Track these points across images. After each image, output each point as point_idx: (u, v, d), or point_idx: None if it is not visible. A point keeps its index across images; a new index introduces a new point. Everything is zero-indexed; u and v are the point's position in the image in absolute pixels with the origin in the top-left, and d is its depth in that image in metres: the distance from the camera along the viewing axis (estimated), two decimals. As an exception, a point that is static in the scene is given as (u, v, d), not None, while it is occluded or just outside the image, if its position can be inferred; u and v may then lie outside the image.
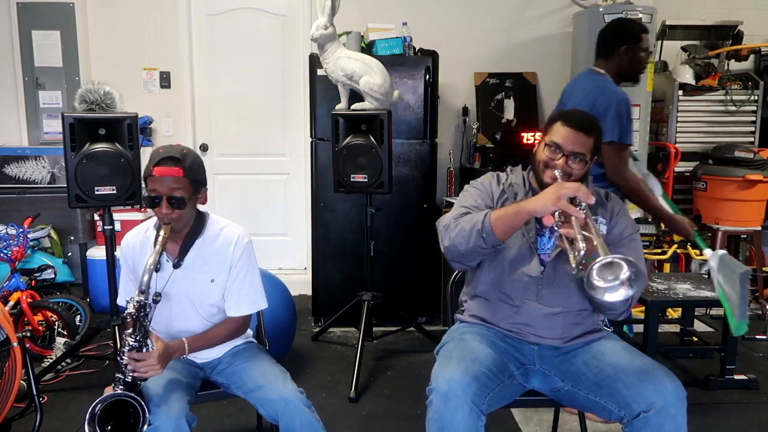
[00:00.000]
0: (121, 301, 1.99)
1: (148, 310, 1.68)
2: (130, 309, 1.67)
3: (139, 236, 1.95)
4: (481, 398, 1.61)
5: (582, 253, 1.49)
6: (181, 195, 1.75)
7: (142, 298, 1.67)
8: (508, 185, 1.89)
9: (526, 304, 1.82)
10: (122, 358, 1.67)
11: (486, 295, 1.89)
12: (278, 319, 2.88)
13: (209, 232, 1.91)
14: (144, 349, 1.67)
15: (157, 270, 1.78)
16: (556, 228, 1.60)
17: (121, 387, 1.67)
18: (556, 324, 1.82)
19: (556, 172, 1.73)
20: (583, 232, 1.51)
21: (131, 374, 1.67)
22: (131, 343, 1.66)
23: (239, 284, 1.92)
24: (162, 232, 1.75)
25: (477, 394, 1.60)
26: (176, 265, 1.87)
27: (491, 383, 1.67)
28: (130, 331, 1.67)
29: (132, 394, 1.64)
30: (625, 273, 1.45)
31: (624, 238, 1.83)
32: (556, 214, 1.58)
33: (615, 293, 1.47)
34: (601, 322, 1.95)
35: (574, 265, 1.53)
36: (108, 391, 1.74)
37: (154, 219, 1.91)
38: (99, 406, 1.61)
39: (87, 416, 1.60)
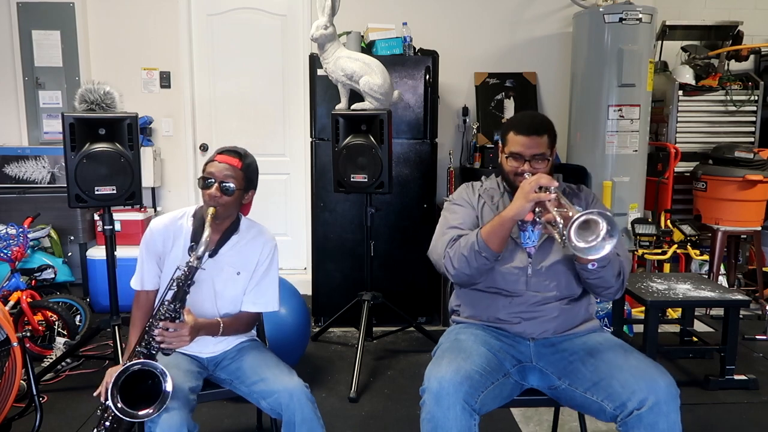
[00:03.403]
0: (134, 284, 2.02)
1: (194, 279, 1.77)
2: (179, 274, 1.75)
3: (173, 223, 1.99)
4: (473, 397, 1.62)
5: (562, 226, 1.58)
6: (232, 183, 1.87)
7: (196, 263, 1.76)
8: (483, 190, 2.01)
9: (519, 294, 1.87)
10: (153, 328, 1.72)
11: (480, 291, 1.93)
12: (291, 326, 2.87)
13: (244, 231, 2.03)
14: (177, 321, 1.75)
15: (192, 249, 1.85)
16: (537, 220, 1.72)
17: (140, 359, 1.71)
18: (551, 310, 1.86)
19: (526, 176, 1.83)
20: (559, 209, 1.63)
21: (158, 345, 1.72)
22: (168, 311, 1.73)
23: (259, 284, 2.02)
24: (210, 211, 1.85)
25: (469, 393, 1.61)
26: (211, 255, 1.95)
27: (485, 382, 1.68)
28: (170, 298, 1.74)
29: (153, 362, 1.66)
30: (603, 229, 1.53)
31: None
32: (535, 209, 1.71)
33: (601, 251, 1.54)
34: (598, 321, 1.98)
35: (559, 240, 1.61)
36: (112, 373, 1.73)
37: (191, 208, 2.02)
38: (120, 377, 1.63)
39: (109, 389, 1.62)
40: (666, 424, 1.58)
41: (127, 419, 1.62)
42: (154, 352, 1.73)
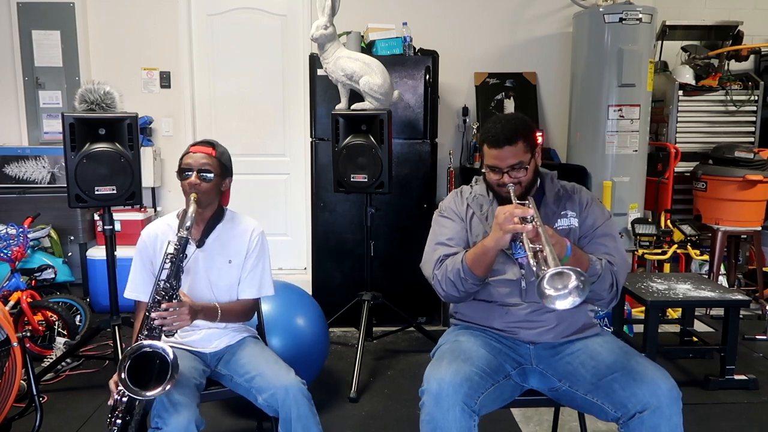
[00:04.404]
0: (128, 293, 2.03)
1: (187, 253, 1.83)
2: (171, 249, 1.80)
3: (161, 226, 2.06)
4: (473, 398, 1.62)
5: (534, 269, 1.56)
6: (210, 170, 1.97)
7: (185, 234, 1.81)
8: (472, 198, 1.96)
9: (515, 306, 1.86)
10: (152, 311, 1.74)
11: (477, 300, 1.91)
12: (310, 336, 2.72)
13: (228, 221, 2.09)
14: (174, 300, 1.78)
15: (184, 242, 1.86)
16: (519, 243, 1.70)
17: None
18: (549, 319, 1.84)
19: (508, 187, 1.80)
20: (534, 246, 1.58)
21: (158, 329, 1.74)
22: (165, 289, 1.76)
23: (252, 271, 2.07)
24: (193, 196, 1.92)
25: (468, 395, 1.61)
26: (199, 245, 2.01)
27: (484, 383, 1.67)
28: (165, 277, 1.77)
29: (156, 344, 1.66)
30: (573, 282, 1.50)
31: (597, 228, 1.87)
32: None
33: (564, 301, 1.51)
34: (598, 321, 1.98)
35: (534, 269, 1.57)
36: (112, 383, 1.74)
37: (176, 211, 2.08)
38: (127, 361, 1.64)
39: (117, 371, 1.64)
40: (668, 427, 1.58)
41: (141, 398, 1.64)
42: (155, 335, 1.75)
